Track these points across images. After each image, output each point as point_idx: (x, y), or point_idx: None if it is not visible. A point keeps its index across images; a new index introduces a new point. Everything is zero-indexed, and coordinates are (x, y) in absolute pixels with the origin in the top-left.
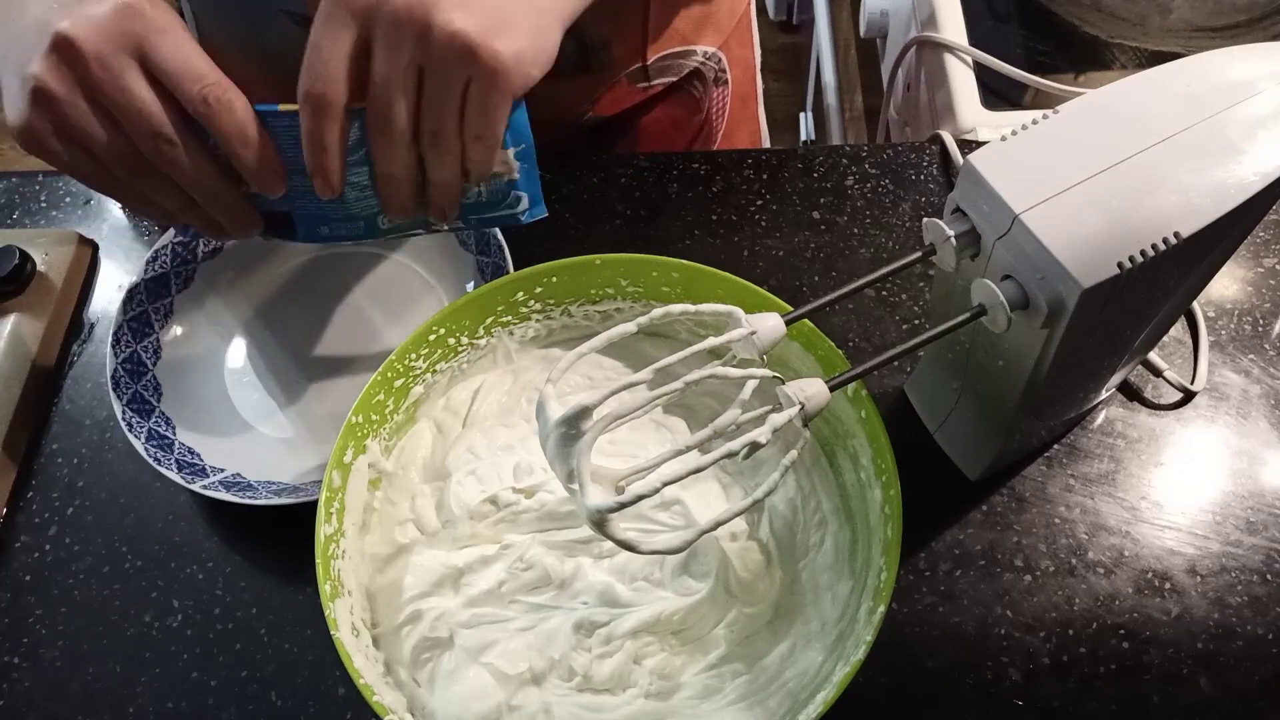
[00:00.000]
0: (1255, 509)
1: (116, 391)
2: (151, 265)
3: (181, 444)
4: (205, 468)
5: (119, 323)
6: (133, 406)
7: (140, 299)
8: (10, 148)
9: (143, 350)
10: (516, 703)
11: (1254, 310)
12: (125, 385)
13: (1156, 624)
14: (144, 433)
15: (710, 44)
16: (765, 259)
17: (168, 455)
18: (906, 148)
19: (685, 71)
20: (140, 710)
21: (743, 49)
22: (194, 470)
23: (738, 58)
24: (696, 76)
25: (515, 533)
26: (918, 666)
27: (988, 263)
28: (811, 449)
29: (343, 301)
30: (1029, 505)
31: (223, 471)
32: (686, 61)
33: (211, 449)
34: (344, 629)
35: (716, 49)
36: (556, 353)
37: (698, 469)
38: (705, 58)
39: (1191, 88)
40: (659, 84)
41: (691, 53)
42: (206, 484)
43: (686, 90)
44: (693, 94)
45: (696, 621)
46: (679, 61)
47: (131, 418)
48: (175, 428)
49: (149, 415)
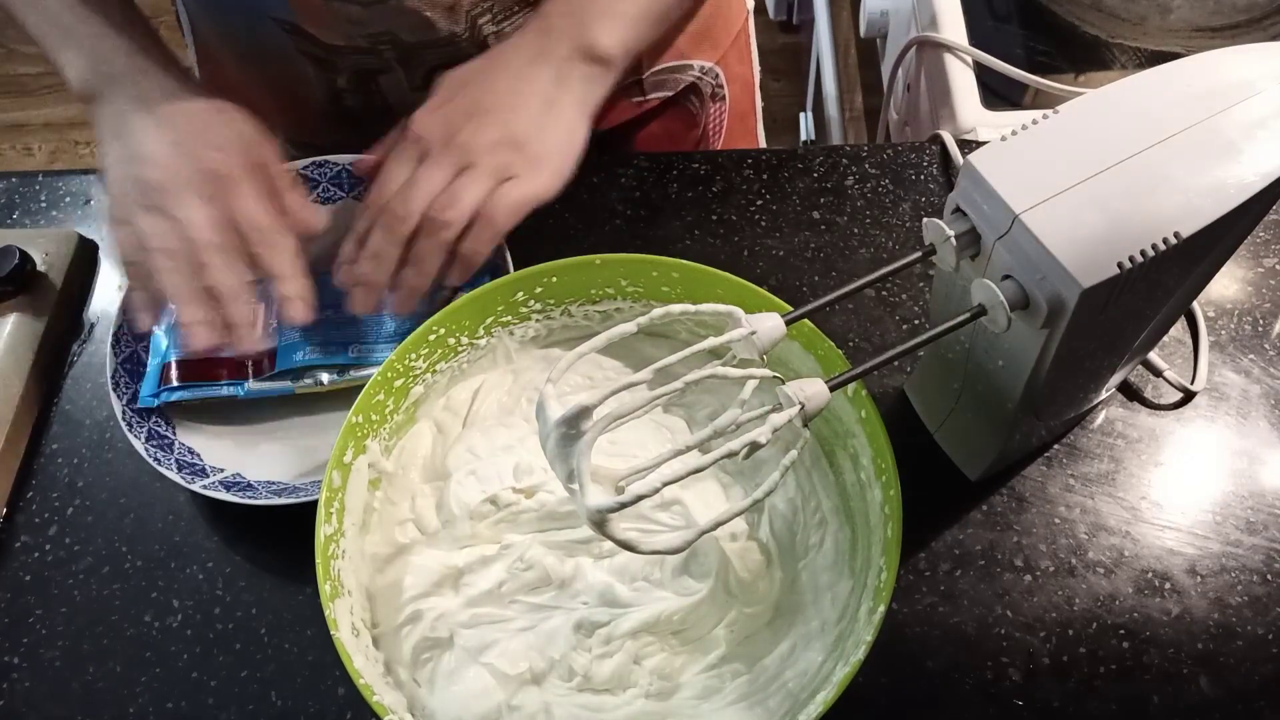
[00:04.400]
0: (1255, 509)
1: (116, 391)
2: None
3: (181, 444)
4: (205, 467)
5: (119, 323)
6: (132, 406)
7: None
8: (10, 147)
9: (142, 350)
10: (516, 703)
11: (1254, 310)
12: (125, 385)
13: (1156, 624)
14: (144, 432)
15: (707, 59)
16: (765, 259)
17: (168, 455)
18: (906, 148)
19: (681, 86)
20: (140, 710)
21: (741, 65)
22: (194, 470)
23: (736, 74)
24: (693, 91)
25: (515, 533)
26: (918, 666)
27: (988, 263)
28: (811, 449)
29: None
30: (1029, 505)
31: (222, 471)
32: (682, 76)
33: (211, 449)
34: (344, 629)
35: (714, 64)
36: (556, 353)
37: (698, 469)
38: (702, 72)
39: (1191, 88)
40: (654, 98)
41: (688, 67)
42: (206, 484)
43: (683, 105)
44: (689, 109)
45: (696, 621)
46: (674, 76)
47: (132, 417)
48: (175, 428)
49: (149, 415)
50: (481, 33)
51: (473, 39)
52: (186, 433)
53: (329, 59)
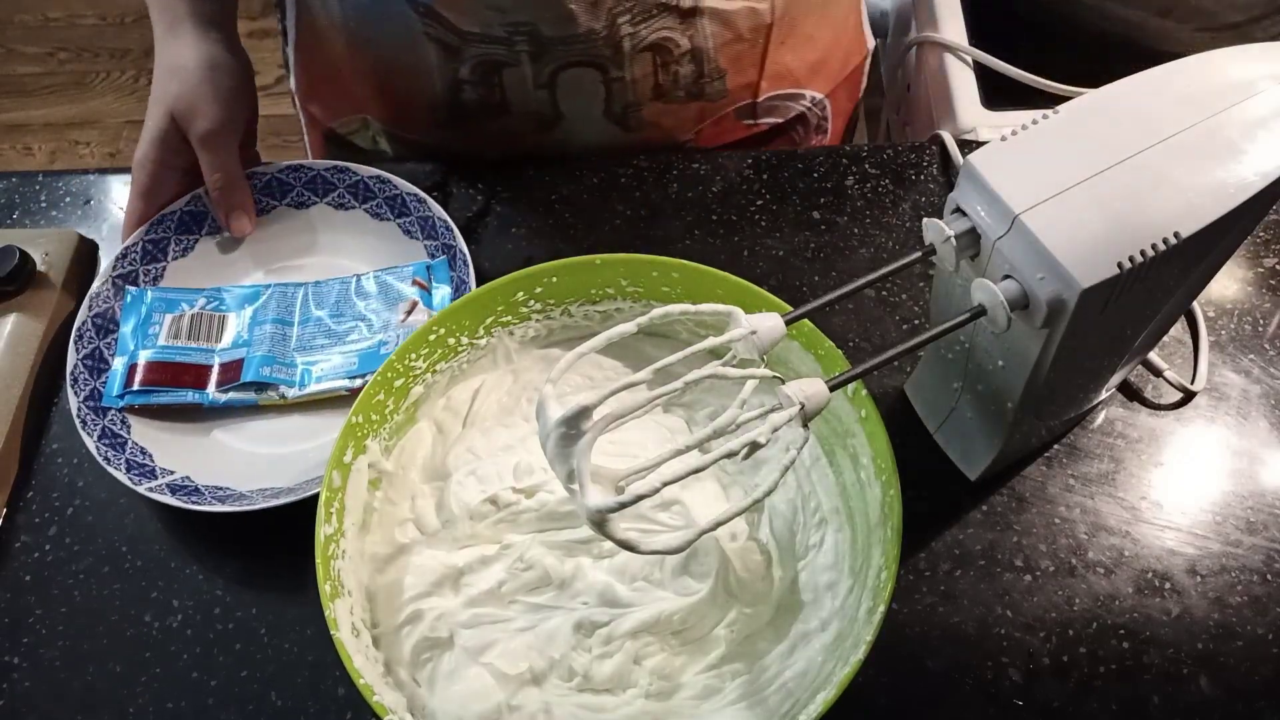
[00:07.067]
0: (1255, 509)
1: (74, 388)
2: (120, 263)
3: (135, 444)
4: (155, 469)
5: (82, 319)
6: (89, 404)
7: (107, 296)
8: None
9: (105, 347)
10: (516, 703)
11: (1254, 310)
12: (84, 381)
13: (1156, 624)
14: (97, 430)
15: (820, 90)
16: (765, 259)
17: (118, 455)
18: (906, 148)
19: (791, 115)
20: (140, 710)
21: (849, 101)
22: (143, 471)
23: (841, 109)
24: (800, 121)
25: (515, 533)
26: (918, 666)
27: (988, 263)
28: (811, 449)
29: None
30: (1029, 505)
31: (172, 474)
32: (794, 105)
33: (165, 449)
34: (344, 629)
35: (824, 96)
36: (556, 353)
37: (698, 469)
38: (812, 103)
39: (1191, 88)
40: (764, 123)
41: (800, 96)
42: (153, 486)
43: (787, 134)
44: (793, 138)
45: (696, 621)
46: (786, 104)
47: (87, 414)
48: (130, 426)
49: (104, 413)
50: (619, 33)
51: (609, 39)
52: (143, 429)
53: (458, 46)
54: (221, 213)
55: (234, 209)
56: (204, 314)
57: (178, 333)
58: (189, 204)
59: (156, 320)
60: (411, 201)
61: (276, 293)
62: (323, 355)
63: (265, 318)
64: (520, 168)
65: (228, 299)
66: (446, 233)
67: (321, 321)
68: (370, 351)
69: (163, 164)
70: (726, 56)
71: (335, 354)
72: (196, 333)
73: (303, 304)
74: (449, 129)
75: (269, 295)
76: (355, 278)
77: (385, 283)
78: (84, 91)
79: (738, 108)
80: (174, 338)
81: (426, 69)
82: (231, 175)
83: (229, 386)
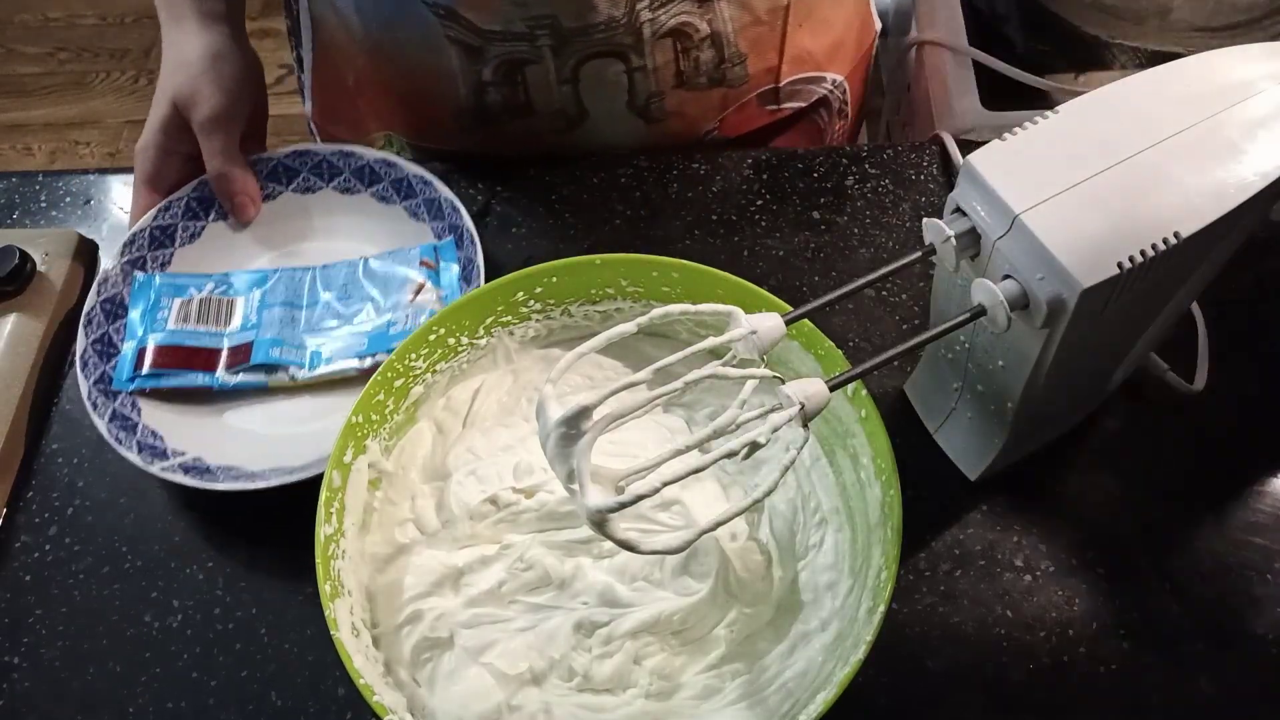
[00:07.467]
0: (1255, 509)
1: (85, 371)
2: (129, 249)
3: (145, 426)
4: (166, 450)
5: (91, 305)
6: (100, 387)
7: (115, 281)
8: (10, 147)
9: (115, 332)
10: (516, 703)
11: (1254, 310)
12: (94, 365)
13: (1156, 624)
14: (108, 413)
15: (839, 72)
16: (765, 259)
17: (130, 436)
18: (906, 148)
19: (814, 99)
20: (140, 710)
21: (863, 84)
22: (154, 452)
23: (856, 94)
24: (823, 105)
25: (515, 533)
26: (918, 666)
27: (988, 263)
28: (811, 449)
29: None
30: (1029, 505)
31: (183, 455)
32: (817, 88)
33: (176, 430)
34: (344, 629)
35: (844, 78)
36: (556, 353)
37: (698, 469)
38: (833, 86)
39: (1191, 88)
40: (788, 108)
41: (822, 79)
42: (165, 466)
43: (812, 119)
44: (818, 123)
45: (697, 622)
46: (809, 87)
47: (97, 397)
48: (140, 409)
49: (115, 395)
50: (639, 19)
51: (629, 26)
52: (153, 412)
53: (480, 46)
54: (224, 198)
55: (236, 195)
56: (212, 298)
57: (186, 316)
58: (196, 190)
59: (165, 305)
60: (418, 183)
61: (284, 276)
62: (332, 336)
63: (274, 301)
64: (521, 167)
65: (236, 283)
66: (454, 214)
67: (330, 304)
68: (380, 332)
69: (165, 150)
70: (746, 40)
71: (345, 335)
72: (205, 316)
73: (310, 287)
74: (474, 134)
75: (277, 279)
76: (363, 260)
77: (393, 264)
78: (84, 91)
79: (760, 93)
80: (183, 321)
81: (450, 74)
82: (233, 161)
83: (239, 368)
